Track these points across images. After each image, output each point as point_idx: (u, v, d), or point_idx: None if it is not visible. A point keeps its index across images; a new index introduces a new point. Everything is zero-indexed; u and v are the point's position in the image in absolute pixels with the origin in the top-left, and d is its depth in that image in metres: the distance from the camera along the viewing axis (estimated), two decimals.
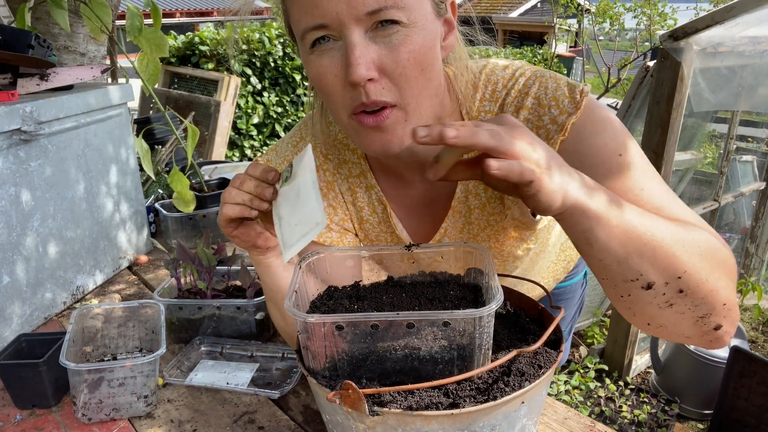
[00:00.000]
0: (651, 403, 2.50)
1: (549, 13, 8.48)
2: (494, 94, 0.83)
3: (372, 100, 0.68)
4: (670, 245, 0.61)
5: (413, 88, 0.70)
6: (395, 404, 0.59)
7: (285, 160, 0.97)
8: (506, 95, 0.81)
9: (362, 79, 0.66)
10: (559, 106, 0.76)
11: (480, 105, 0.83)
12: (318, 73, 0.70)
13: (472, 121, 0.75)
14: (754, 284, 3.18)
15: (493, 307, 0.60)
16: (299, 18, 0.68)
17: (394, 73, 0.68)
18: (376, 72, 0.67)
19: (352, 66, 0.65)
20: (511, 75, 0.82)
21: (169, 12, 14.36)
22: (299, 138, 0.97)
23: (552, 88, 0.77)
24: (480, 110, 0.83)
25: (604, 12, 5.70)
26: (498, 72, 0.83)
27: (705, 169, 3.39)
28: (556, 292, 1.28)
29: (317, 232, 0.65)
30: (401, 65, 0.67)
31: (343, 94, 0.70)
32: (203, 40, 6.17)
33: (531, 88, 0.79)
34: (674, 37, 2.10)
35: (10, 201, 1.17)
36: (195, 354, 1.17)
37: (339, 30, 0.66)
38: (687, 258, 0.62)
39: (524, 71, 0.82)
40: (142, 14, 1.33)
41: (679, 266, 0.62)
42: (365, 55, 0.66)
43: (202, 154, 5.00)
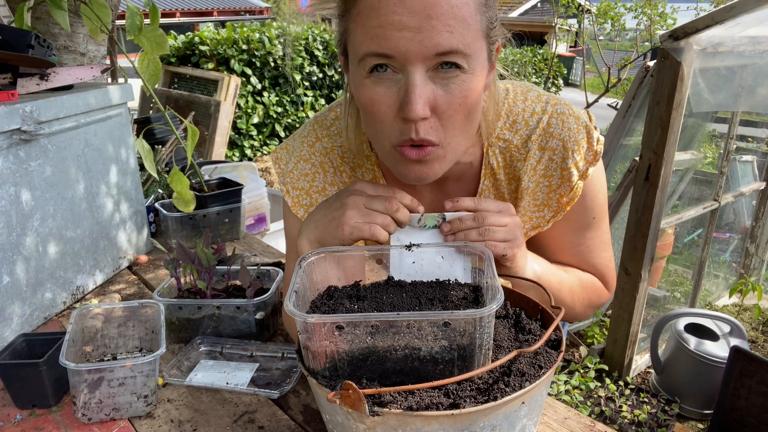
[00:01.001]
0: (651, 403, 2.50)
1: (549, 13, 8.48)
2: (514, 125, 0.89)
3: (420, 138, 0.71)
4: (564, 300, 0.92)
5: (456, 129, 0.74)
6: (395, 404, 0.59)
7: (301, 159, 0.98)
8: (530, 133, 0.88)
9: (418, 117, 0.68)
10: (580, 152, 0.87)
11: (500, 132, 0.90)
12: (371, 99, 0.72)
13: (474, 202, 0.81)
14: (754, 284, 3.18)
15: (493, 308, 0.60)
16: (362, 41, 0.69)
17: (444, 115, 0.71)
18: (429, 111, 0.70)
19: (411, 104, 0.68)
20: (532, 110, 0.89)
21: (169, 12, 14.36)
22: (315, 138, 0.98)
23: (574, 130, 0.87)
24: (499, 137, 0.90)
25: (605, 12, 5.70)
26: (519, 104, 0.90)
27: (705, 169, 3.39)
28: None
29: None
30: (452, 108, 0.71)
31: (392, 124, 0.72)
32: (203, 40, 6.17)
33: (555, 129, 0.87)
34: (674, 37, 2.10)
35: (10, 201, 1.17)
36: (195, 354, 1.17)
37: (402, 65, 0.68)
38: (570, 304, 0.94)
39: (545, 107, 0.89)
40: (142, 13, 1.33)
41: (562, 303, 0.91)
42: (424, 95, 0.68)
43: (202, 154, 5.01)
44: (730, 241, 3.63)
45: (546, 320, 0.77)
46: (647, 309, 2.71)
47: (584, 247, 0.96)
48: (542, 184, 0.89)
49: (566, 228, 0.94)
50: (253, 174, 2.37)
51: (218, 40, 6.20)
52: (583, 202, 0.91)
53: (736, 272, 3.57)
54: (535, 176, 0.89)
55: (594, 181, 0.90)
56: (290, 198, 0.98)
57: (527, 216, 0.92)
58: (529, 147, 0.88)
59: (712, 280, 3.53)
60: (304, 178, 0.97)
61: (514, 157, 0.90)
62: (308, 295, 0.75)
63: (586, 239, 0.95)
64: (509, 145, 0.90)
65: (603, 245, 0.97)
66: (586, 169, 0.87)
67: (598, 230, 0.95)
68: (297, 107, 7.06)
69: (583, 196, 0.90)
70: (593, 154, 0.87)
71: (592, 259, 0.97)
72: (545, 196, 0.90)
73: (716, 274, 3.57)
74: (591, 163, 0.87)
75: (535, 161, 0.88)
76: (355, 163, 0.98)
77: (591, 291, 0.98)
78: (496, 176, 0.92)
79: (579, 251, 0.96)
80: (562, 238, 0.96)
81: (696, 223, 3.39)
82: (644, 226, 2.38)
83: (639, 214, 2.39)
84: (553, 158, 0.88)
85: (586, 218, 0.93)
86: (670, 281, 3.58)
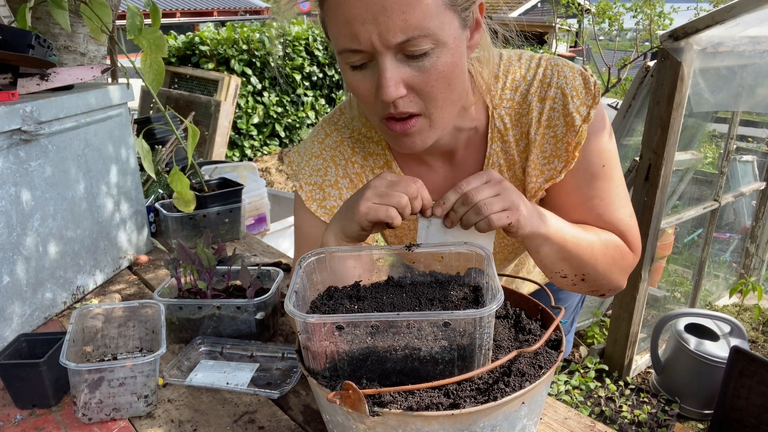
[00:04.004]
0: (651, 403, 2.50)
1: (549, 13, 8.48)
2: (513, 83, 0.90)
3: (400, 111, 0.76)
4: (583, 255, 0.86)
5: (438, 100, 0.77)
6: (395, 405, 0.59)
7: (312, 156, 1.00)
8: (528, 86, 0.89)
9: (392, 98, 0.73)
10: (579, 96, 0.86)
11: (501, 93, 0.90)
12: (353, 85, 0.78)
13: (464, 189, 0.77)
14: (754, 284, 3.18)
15: (493, 308, 0.60)
16: (336, 36, 0.75)
17: (422, 92, 0.75)
18: (404, 90, 0.74)
19: (383, 88, 0.73)
20: (528, 66, 0.90)
21: (169, 12, 14.36)
22: (324, 135, 1.01)
23: (570, 77, 0.87)
24: (502, 98, 0.90)
25: (604, 12, 5.70)
26: (515, 62, 0.91)
27: (705, 169, 3.38)
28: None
29: None
30: (429, 85, 0.74)
31: (375, 102, 0.77)
32: (203, 40, 6.17)
33: (552, 79, 0.88)
34: (674, 37, 2.10)
35: (10, 201, 1.17)
36: (195, 354, 1.17)
37: (372, 55, 0.73)
38: (592, 263, 0.88)
39: (539, 61, 0.89)
40: (142, 13, 1.33)
41: (586, 268, 0.88)
42: (395, 77, 0.73)
43: (202, 154, 5.01)
44: (731, 241, 3.63)
45: (546, 320, 0.77)
46: (647, 309, 2.71)
47: (598, 200, 0.91)
48: (548, 135, 0.89)
49: (576, 180, 0.90)
50: (253, 174, 2.37)
51: (218, 40, 6.19)
52: (588, 147, 0.88)
53: (736, 272, 3.57)
54: (540, 128, 0.89)
55: (597, 126, 0.88)
56: (304, 193, 1.00)
57: (538, 170, 0.91)
58: (529, 101, 0.89)
59: (712, 280, 3.53)
60: (317, 173, 0.99)
61: (520, 114, 0.90)
62: (308, 295, 0.75)
63: (599, 191, 0.90)
64: (512, 104, 0.90)
65: (619, 199, 0.92)
66: (588, 112, 0.86)
67: (610, 181, 0.90)
68: (297, 107, 7.06)
69: (588, 141, 0.88)
70: (592, 98, 0.86)
71: (609, 214, 0.91)
72: (553, 147, 0.89)
73: (716, 274, 3.57)
74: (591, 107, 0.86)
75: (537, 113, 0.88)
76: (366, 152, 1.00)
77: (613, 249, 0.91)
78: (504, 139, 0.92)
79: (593, 206, 0.91)
80: (573, 193, 0.92)
81: (696, 223, 3.39)
82: (644, 226, 2.38)
83: (639, 214, 2.39)
84: (555, 107, 0.87)
85: (595, 166, 0.89)
86: (670, 281, 3.58)
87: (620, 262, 0.92)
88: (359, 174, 1.00)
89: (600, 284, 0.92)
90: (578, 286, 0.92)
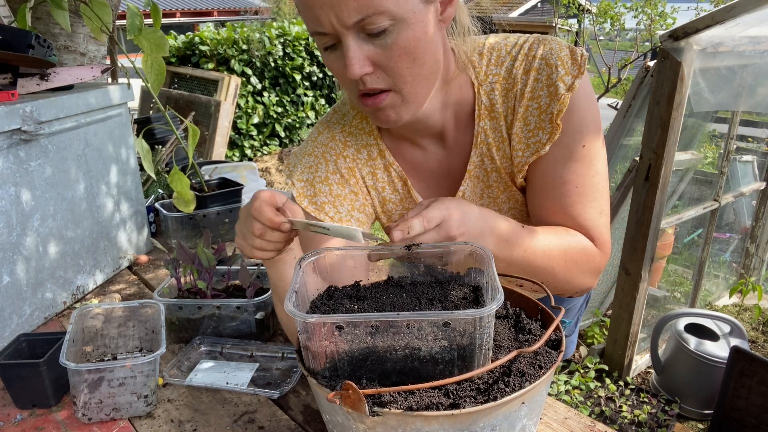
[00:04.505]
0: (651, 403, 2.50)
1: (549, 13, 8.48)
2: (499, 59, 0.90)
3: (369, 88, 0.79)
4: (538, 264, 0.85)
5: (406, 76, 0.79)
6: (395, 404, 0.59)
7: (305, 154, 1.02)
8: (513, 61, 0.89)
9: (356, 76, 0.76)
10: (564, 66, 0.85)
11: (487, 69, 0.90)
12: (329, 65, 0.81)
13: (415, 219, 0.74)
14: (754, 284, 3.18)
15: (493, 308, 0.60)
16: (305, 21, 0.78)
17: (387, 67, 0.77)
18: (370, 67, 0.77)
19: (348, 67, 0.76)
20: (514, 43, 0.90)
21: (169, 12, 14.35)
22: (317, 133, 1.03)
23: (556, 49, 0.86)
24: (488, 74, 0.90)
25: (605, 12, 5.69)
26: (500, 41, 0.91)
27: (705, 169, 3.38)
28: None
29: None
30: (393, 60, 0.76)
31: (348, 81, 0.80)
32: (203, 40, 6.17)
33: (537, 50, 0.87)
34: (674, 37, 2.10)
35: (10, 201, 1.17)
36: (195, 354, 1.17)
37: (336, 36, 0.76)
38: (549, 269, 0.86)
39: (527, 38, 0.90)
40: (142, 14, 1.33)
41: (541, 275, 0.86)
42: (358, 56, 0.75)
43: (202, 154, 5.01)
44: (730, 241, 3.63)
45: (546, 320, 0.77)
46: (647, 309, 2.71)
47: (572, 186, 0.87)
48: (532, 106, 0.87)
49: (554, 155, 0.87)
50: (253, 174, 2.37)
51: (218, 40, 6.19)
52: (570, 120, 0.85)
53: (736, 272, 3.57)
54: (524, 100, 0.88)
55: (581, 98, 0.85)
56: (295, 190, 1.00)
57: (523, 143, 0.89)
58: (514, 74, 0.88)
59: (712, 280, 3.53)
60: (308, 170, 1.00)
61: (506, 89, 0.89)
62: (308, 294, 0.75)
63: (574, 176, 0.86)
64: (498, 78, 0.90)
65: (593, 191, 0.87)
66: (573, 81, 0.84)
67: (589, 168, 0.87)
68: (297, 107, 7.06)
69: (571, 113, 0.85)
70: (577, 68, 0.84)
71: (578, 207, 0.87)
72: (537, 118, 0.87)
73: (716, 274, 3.57)
74: (577, 76, 0.84)
75: (522, 85, 0.87)
76: (359, 144, 1.01)
77: (577, 252, 0.87)
78: (491, 115, 0.91)
79: (564, 192, 0.87)
80: (549, 173, 0.88)
81: (696, 223, 3.39)
82: (644, 226, 2.38)
83: (639, 214, 2.39)
84: (539, 78, 0.86)
85: (575, 142, 0.86)
86: (670, 281, 3.58)
87: (585, 265, 0.89)
88: (351, 168, 1.01)
89: (562, 289, 0.91)
90: (539, 291, 0.87)
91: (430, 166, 0.99)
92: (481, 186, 0.97)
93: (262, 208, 0.76)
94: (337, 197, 0.99)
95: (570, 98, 0.84)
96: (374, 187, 1.02)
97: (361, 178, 1.02)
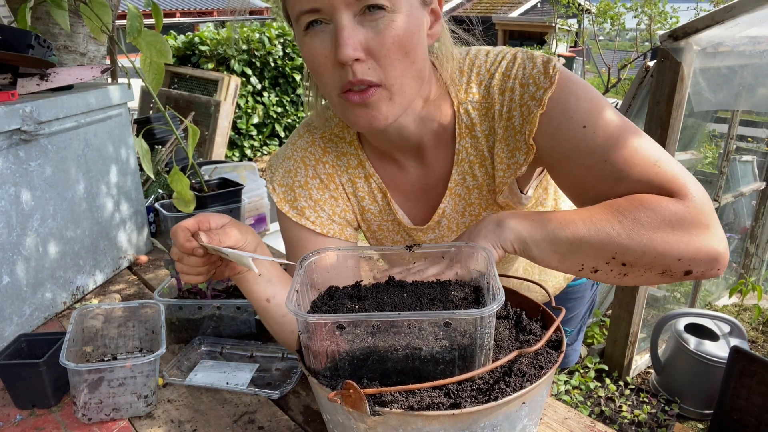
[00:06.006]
0: (651, 403, 2.50)
1: (549, 13, 8.49)
2: (478, 76, 0.88)
3: (358, 79, 0.74)
4: (593, 238, 0.73)
5: (396, 69, 0.75)
6: (396, 404, 0.59)
7: (285, 158, 1.01)
8: (490, 79, 0.86)
9: (349, 58, 0.71)
10: (536, 83, 0.81)
11: (467, 87, 0.88)
12: (311, 53, 0.76)
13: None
14: (754, 284, 3.18)
15: (494, 308, 0.60)
16: (294, 2, 0.74)
17: (379, 55, 0.74)
18: (362, 53, 0.73)
19: (341, 47, 0.71)
20: (494, 60, 0.87)
21: (169, 12, 14.35)
22: (297, 136, 1.02)
23: (529, 67, 0.83)
24: (468, 93, 0.88)
25: (605, 12, 5.70)
26: (481, 57, 0.89)
27: (705, 169, 3.38)
28: (566, 290, 1.28)
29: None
30: (386, 47, 0.73)
31: (333, 73, 0.75)
32: (203, 40, 6.17)
33: (512, 71, 0.84)
34: (674, 37, 2.10)
35: (10, 201, 1.17)
36: (195, 354, 1.17)
37: (330, 13, 0.72)
38: (612, 242, 0.72)
39: (504, 54, 0.87)
40: (141, 15, 1.33)
41: (608, 250, 0.73)
42: (353, 37, 0.72)
43: (202, 154, 5.00)
44: (730, 241, 3.63)
45: (546, 321, 0.77)
46: (647, 309, 2.71)
47: (604, 164, 0.77)
48: (509, 127, 0.86)
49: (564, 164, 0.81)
50: (253, 174, 2.37)
51: (218, 40, 6.19)
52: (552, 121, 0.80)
53: (736, 272, 3.57)
54: (502, 121, 0.86)
55: (559, 98, 0.80)
56: (276, 195, 0.99)
57: (504, 164, 0.88)
58: (492, 94, 0.86)
59: (712, 280, 3.53)
60: (288, 174, 0.99)
61: (486, 108, 0.88)
62: (309, 294, 0.75)
63: (598, 154, 0.77)
64: (478, 98, 0.88)
65: (625, 154, 0.76)
66: (543, 96, 0.80)
67: (607, 137, 0.77)
68: (297, 107, 7.06)
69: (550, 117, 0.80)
70: (549, 80, 0.80)
71: (627, 173, 0.76)
72: (513, 139, 0.86)
73: None
74: (548, 89, 0.80)
75: (500, 106, 0.86)
76: (339, 152, 0.99)
77: (637, 206, 0.73)
78: (472, 134, 0.90)
79: (603, 174, 0.77)
80: (572, 177, 0.82)
81: None
82: None
83: None
84: (513, 98, 0.84)
85: (571, 135, 0.79)
86: None
87: (668, 223, 0.71)
88: (330, 175, 0.99)
89: (654, 262, 0.72)
90: (630, 273, 0.74)
91: (408, 181, 0.98)
92: (463, 203, 0.96)
93: (176, 234, 0.81)
94: (317, 202, 0.97)
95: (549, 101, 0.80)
96: (354, 194, 1.00)
97: (340, 184, 1.00)
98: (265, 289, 0.89)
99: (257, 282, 0.89)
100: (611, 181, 0.77)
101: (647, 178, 0.75)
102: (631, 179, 0.76)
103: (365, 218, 1.03)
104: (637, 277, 0.75)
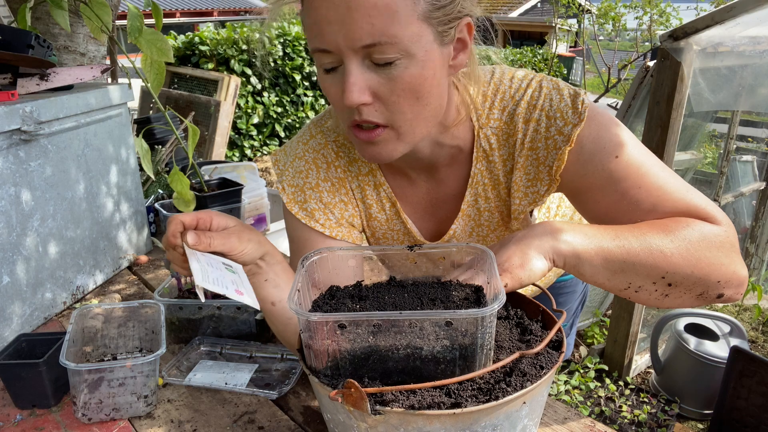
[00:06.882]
0: (651, 403, 2.50)
1: (549, 13, 8.49)
2: (502, 102, 0.87)
3: (364, 119, 0.74)
4: (647, 255, 0.73)
5: (406, 114, 0.75)
6: (397, 403, 0.59)
7: (296, 157, 0.99)
8: (515, 106, 0.85)
9: (354, 104, 0.72)
10: (564, 117, 0.81)
11: (489, 113, 0.87)
12: (325, 88, 0.77)
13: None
14: (754, 284, 3.18)
15: (495, 307, 0.60)
16: (309, 37, 0.74)
17: (388, 101, 0.73)
18: (369, 97, 0.72)
19: (346, 92, 0.71)
20: (518, 87, 0.86)
21: (169, 12, 14.35)
22: (309, 136, 1.00)
23: (556, 100, 0.83)
24: (489, 118, 0.87)
25: (606, 13, 5.70)
26: (505, 82, 0.87)
27: (705, 169, 3.38)
28: (557, 285, 1.28)
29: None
30: (396, 94, 0.73)
31: (343, 108, 0.75)
32: (203, 40, 6.17)
33: (538, 101, 0.84)
34: (674, 37, 2.10)
35: (10, 201, 1.17)
36: (195, 354, 1.17)
37: (339, 57, 0.71)
38: (665, 260, 0.73)
39: (530, 82, 0.86)
40: (142, 15, 1.33)
41: (659, 269, 0.74)
42: (358, 83, 0.71)
43: (202, 154, 5.00)
44: None
45: (547, 322, 0.77)
46: (647, 309, 2.71)
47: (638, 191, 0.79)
48: (531, 157, 0.86)
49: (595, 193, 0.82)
50: (253, 174, 2.37)
51: (218, 40, 6.19)
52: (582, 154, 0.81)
53: None
54: (524, 150, 0.86)
55: (590, 130, 0.81)
56: (285, 195, 0.98)
57: (521, 191, 0.89)
58: (515, 122, 0.85)
59: None
60: (299, 175, 0.98)
61: (507, 135, 0.87)
62: (310, 294, 0.75)
63: (631, 181, 0.79)
64: (500, 124, 0.87)
65: (658, 181, 0.78)
66: (571, 132, 0.81)
67: (639, 165, 0.79)
68: (297, 107, 7.06)
69: (581, 148, 0.81)
70: (578, 116, 0.81)
71: (663, 199, 0.78)
72: (535, 169, 0.86)
73: None
74: (576, 125, 0.81)
75: (522, 135, 0.85)
76: (350, 158, 0.98)
77: (684, 228, 0.75)
78: (489, 159, 0.90)
79: (637, 200, 0.79)
80: (603, 206, 0.82)
81: None
82: None
83: None
84: (538, 129, 0.84)
85: (603, 166, 0.80)
86: None
87: (712, 246, 0.74)
88: (342, 179, 0.98)
89: (697, 283, 0.75)
90: (671, 294, 0.76)
91: (418, 195, 0.98)
92: (472, 224, 0.96)
93: (169, 224, 0.82)
94: (327, 205, 0.97)
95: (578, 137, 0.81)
96: (362, 201, 1.00)
97: (350, 189, 0.99)
98: (271, 293, 0.88)
99: (263, 286, 0.88)
100: (647, 206, 0.79)
101: (683, 204, 0.78)
102: (666, 205, 0.78)
103: (371, 225, 1.02)
104: (675, 299, 0.77)
